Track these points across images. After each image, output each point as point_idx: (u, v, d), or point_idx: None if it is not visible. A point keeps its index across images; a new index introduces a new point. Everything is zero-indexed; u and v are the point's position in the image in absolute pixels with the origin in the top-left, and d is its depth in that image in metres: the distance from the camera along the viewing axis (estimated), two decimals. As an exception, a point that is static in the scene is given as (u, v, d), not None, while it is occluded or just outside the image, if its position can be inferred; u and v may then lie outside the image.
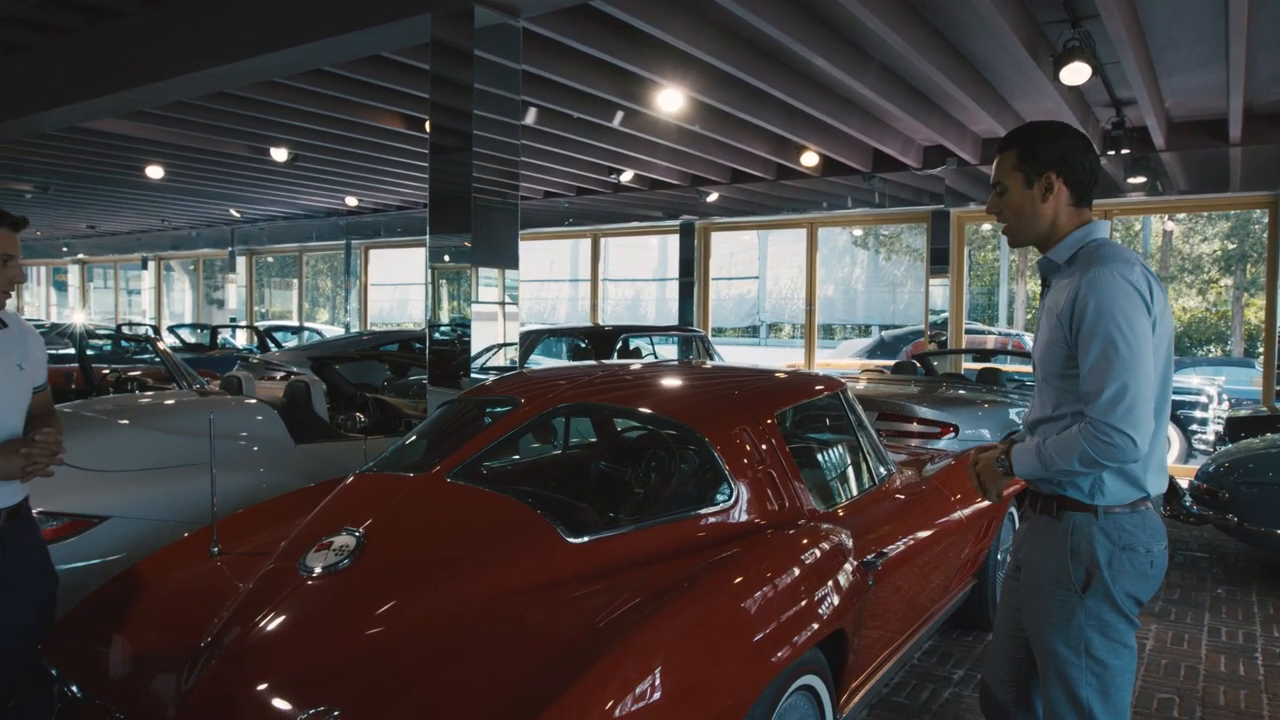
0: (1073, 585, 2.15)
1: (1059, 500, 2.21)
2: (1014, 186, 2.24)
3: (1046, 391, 2.24)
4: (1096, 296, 2.05)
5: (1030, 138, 2.23)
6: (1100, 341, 2.04)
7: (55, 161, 12.55)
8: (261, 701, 2.05)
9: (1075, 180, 2.21)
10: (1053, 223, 2.23)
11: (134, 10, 7.09)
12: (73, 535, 3.52)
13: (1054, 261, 2.24)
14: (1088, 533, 2.16)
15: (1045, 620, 2.20)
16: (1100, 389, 2.03)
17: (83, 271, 30.80)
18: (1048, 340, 2.20)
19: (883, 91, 7.80)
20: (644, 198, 14.10)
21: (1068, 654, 2.17)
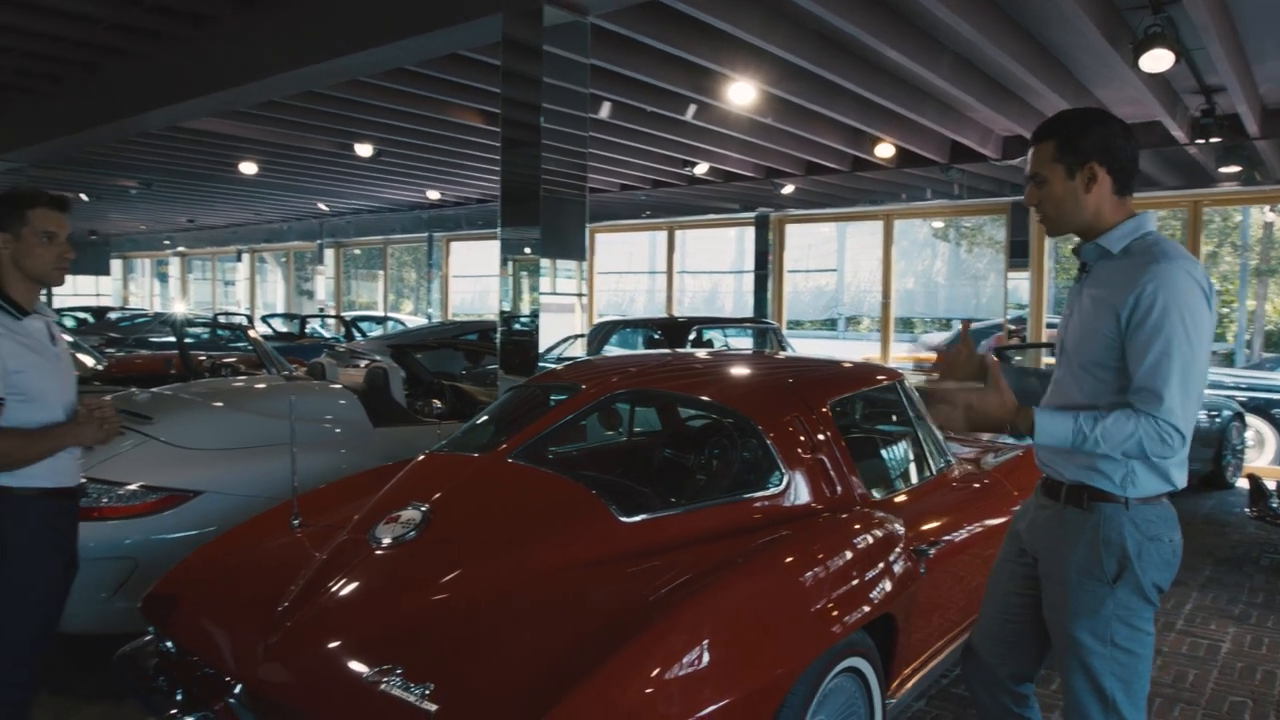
0: (1104, 576, 2.15)
1: (1088, 491, 2.19)
2: (1054, 178, 2.19)
3: (1083, 380, 2.19)
4: (1166, 293, 2.02)
5: (1070, 127, 2.18)
6: (1165, 339, 2.01)
7: (157, 159, 13.21)
8: (332, 658, 2.23)
9: (1118, 169, 2.17)
10: (1096, 213, 2.19)
11: (229, 15, 7.45)
12: (170, 508, 3.78)
13: (1107, 250, 2.19)
14: (1118, 524, 2.16)
15: (1073, 611, 2.20)
16: (1162, 388, 2.02)
17: (183, 263, 32.23)
18: (1092, 330, 2.15)
19: (958, 82, 7.71)
20: (719, 190, 14.14)
21: (1094, 644, 2.17)
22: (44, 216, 2.53)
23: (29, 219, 2.50)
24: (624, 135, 10.50)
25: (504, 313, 5.87)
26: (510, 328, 5.86)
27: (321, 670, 2.23)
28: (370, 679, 2.11)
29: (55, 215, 2.56)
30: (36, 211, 2.51)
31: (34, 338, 2.52)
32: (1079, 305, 2.24)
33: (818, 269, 26.62)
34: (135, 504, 3.74)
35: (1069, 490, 2.23)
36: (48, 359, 2.54)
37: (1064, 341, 2.28)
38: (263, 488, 3.92)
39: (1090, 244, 2.22)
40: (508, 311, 5.85)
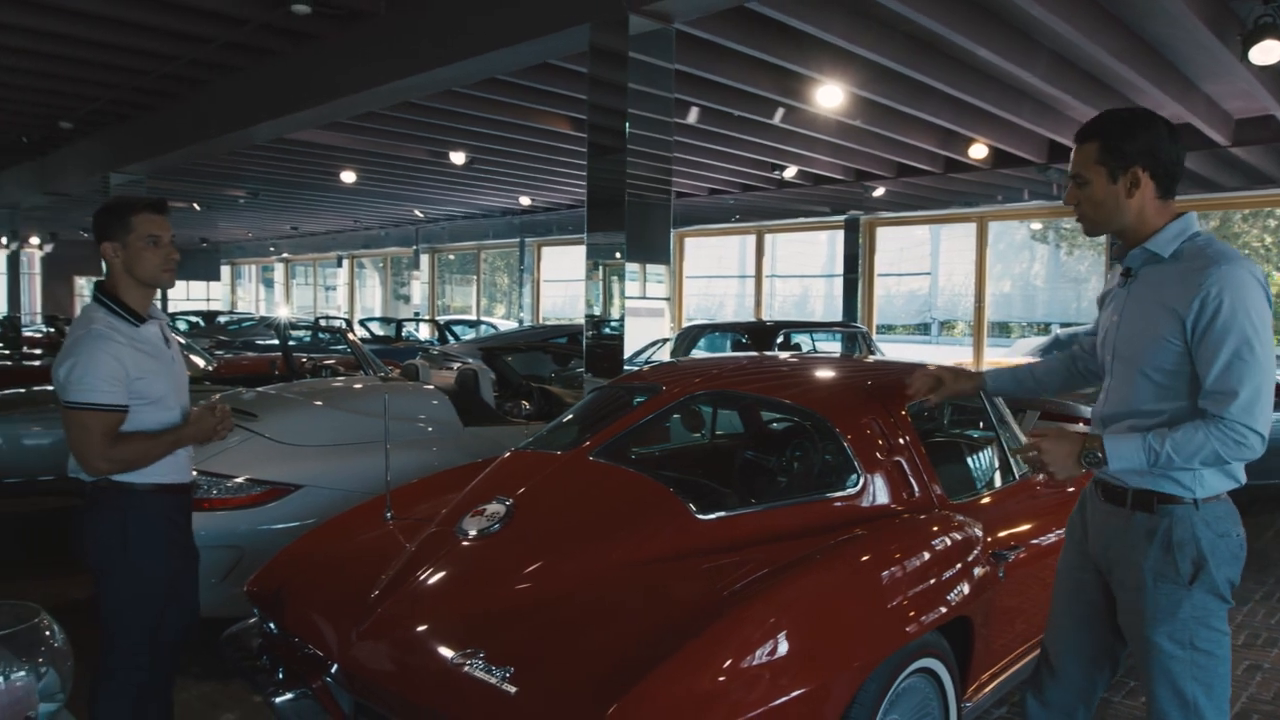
0: (1180, 578, 2.13)
1: (1156, 495, 2.17)
2: (1096, 180, 2.16)
3: (1143, 385, 2.16)
4: (1231, 295, 2.01)
5: (1115, 129, 2.15)
6: (1235, 341, 2.00)
7: (264, 169, 13.84)
8: (419, 641, 2.35)
9: (1163, 174, 2.15)
10: (1138, 216, 2.17)
11: (331, 32, 7.79)
12: (273, 500, 3.99)
13: (1156, 254, 2.17)
14: (1189, 524, 2.13)
15: (1150, 616, 2.16)
16: (1236, 389, 2.00)
17: (286, 269, 33.55)
18: (1151, 335, 2.13)
19: (1054, 80, 7.54)
20: (808, 193, 14.06)
21: (1173, 649, 2.14)
22: (147, 221, 2.62)
23: (133, 225, 2.60)
24: (711, 139, 10.56)
25: (591, 317, 5.99)
26: (597, 331, 5.97)
27: (410, 652, 2.35)
28: (455, 661, 2.22)
29: (157, 219, 2.65)
30: (139, 217, 2.61)
31: (151, 343, 2.66)
32: (1127, 309, 2.22)
33: (910, 272, 26.14)
34: (241, 496, 3.95)
35: (1136, 495, 2.20)
36: (164, 363, 2.68)
37: (1113, 346, 2.25)
38: (358, 483, 4.09)
39: (1138, 249, 2.20)
40: (594, 315, 5.97)
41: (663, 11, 5.37)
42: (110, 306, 2.61)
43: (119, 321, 2.59)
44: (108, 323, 2.57)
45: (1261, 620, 4.69)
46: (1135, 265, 2.22)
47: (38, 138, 13.01)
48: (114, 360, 2.50)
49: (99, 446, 2.48)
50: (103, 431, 2.48)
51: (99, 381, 2.47)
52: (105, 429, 2.49)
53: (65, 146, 13.45)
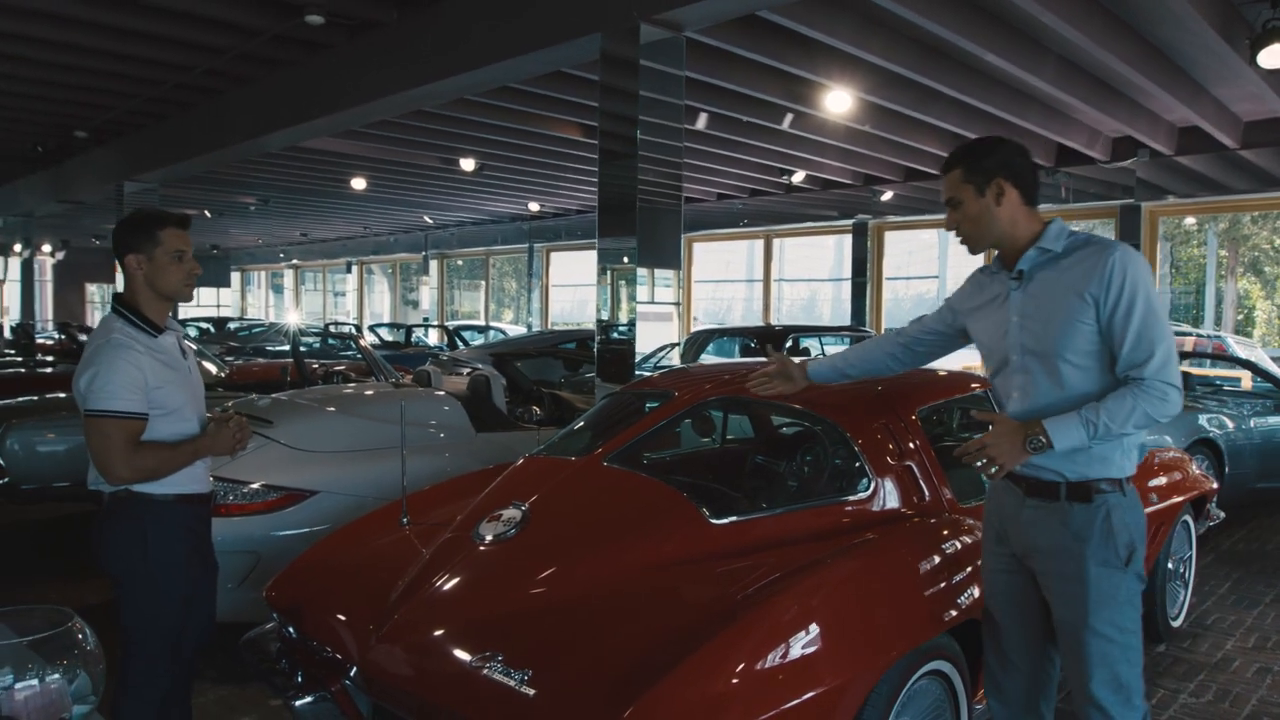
0: (1119, 562, 2.25)
1: (1091, 485, 2.27)
2: (967, 198, 2.35)
3: (1065, 371, 2.27)
4: (1131, 271, 2.20)
5: (971, 153, 2.37)
6: (1142, 310, 2.18)
7: (275, 177, 13.94)
8: (437, 645, 2.39)
9: (1022, 183, 2.34)
10: (1011, 224, 2.35)
11: (344, 42, 7.86)
12: (289, 506, 4.03)
13: (1050, 251, 2.32)
14: (1121, 510, 2.27)
15: (1094, 603, 2.25)
16: (1151, 352, 2.17)
17: (296, 276, 33.69)
18: (1064, 322, 2.25)
19: (1062, 84, 7.56)
20: (816, 198, 14.09)
21: (1113, 633, 2.24)
22: (174, 236, 2.65)
23: (161, 239, 2.63)
24: (721, 145, 10.60)
25: (601, 321, 6.03)
26: (607, 336, 6.01)
27: (428, 655, 2.39)
28: (472, 664, 2.26)
29: (183, 234, 2.69)
30: (167, 232, 2.64)
31: (169, 353, 2.68)
32: (1028, 307, 2.34)
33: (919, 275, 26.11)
34: (257, 502, 4.00)
35: (1071, 487, 2.29)
36: (181, 373, 2.71)
37: (1020, 343, 2.35)
38: (373, 488, 4.14)
39: (1032, 250, 2.33)
40: (605, 320, 6.01)
41: (673, 20, 5.41)
42: (129, 317, 2.64)
43: (137, 332, 2.62)
44: (127, 333, 2.60)
45: (1272, 623, 4.70)
46: (1028, 266, 2.35)
47: (52, 146, 13.12)
48: (134, 369, 2.53)
49: (121, 454, 2.51)
50: (125, 439, 2.51)
51: (120, 390, 2.50)
52: (127, 437, 2.52)
53: (79, 155, 13.56)
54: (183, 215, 2.72)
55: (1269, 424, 6.96)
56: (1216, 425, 6.59)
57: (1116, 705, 2.26)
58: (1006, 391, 2.41)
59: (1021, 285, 2.36)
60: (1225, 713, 3.65)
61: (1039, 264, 2.34)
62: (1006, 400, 2.41)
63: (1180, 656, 4.22)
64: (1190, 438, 6.38)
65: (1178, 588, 4.50)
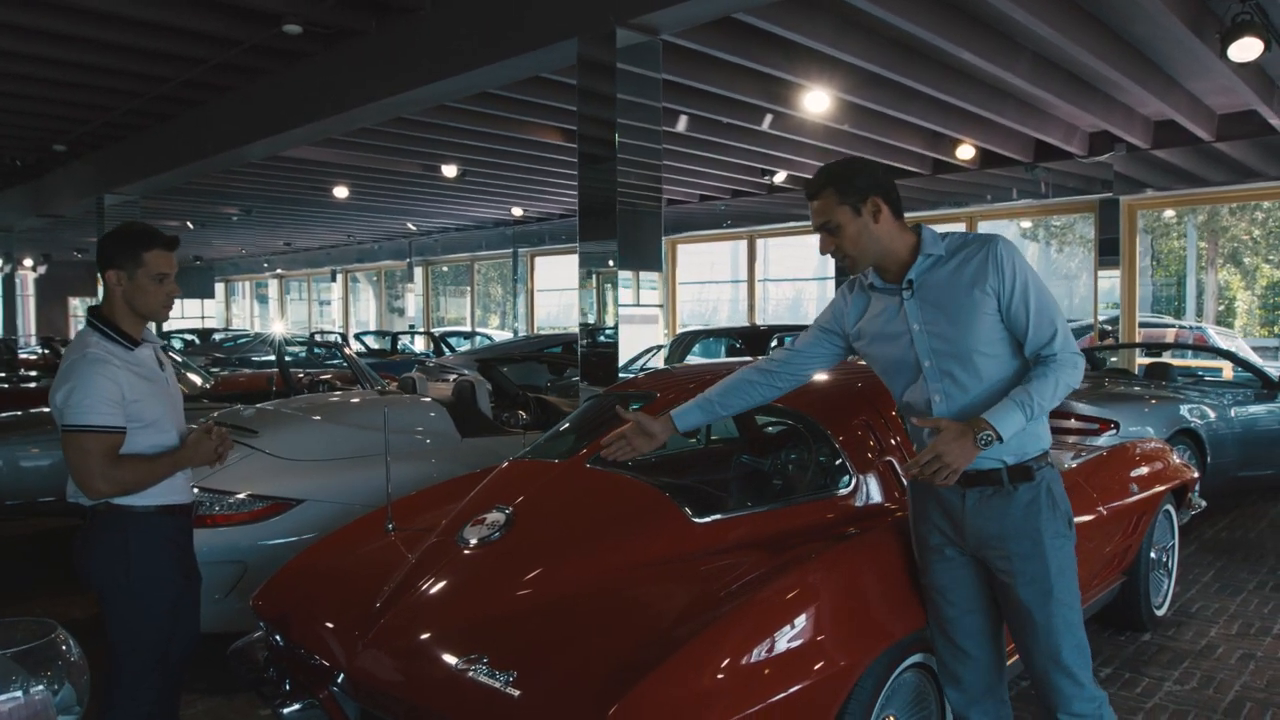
0: (1067, 529, 2.39)
1: (1030, 464, 2.36)
2: (844, 219, 2.39)
3: (981, 365, 2.34)
4: (1016, 260, 2.33)
5: (840, 176, 2.41)
6: (1035, 294, 2.31)
7: (257, 187, 13.90)
8: (422, 649, 2.40)
9: (891, 198, 2.41)
10: (890, 238, 2.40)
11: (322, 51, 7.86)
12: (275, 515, 4.03)
13: (936, 256, 2.38)
14: (1055, 480, 2.41)
15: (1054, 574, 2.33)
16: (1054, 329, 2.31)
17: (280, 285, 33.56)
18: (971, 319, 2.32)
19: (1038, 80, 7.63)
20: (798, 197, 14.13)
21: (1069, 597, 2.36)
22: (158, 259, 2.63)
23: (144, 261, 2.61)
24: (701, 147, 10.64)
25: (585, 325, 6.05)
26: (591, 340, 6.03)
27: (414, 660, 2.40)
28: (458, 667, 2.27)
29: (168, 256, 2.66)
30: (152, 254, 2.62)
31: (145, 366, 2.68)
32: (927, 313, 2.38)
33: (902, 273, 26.19)
34: (243, 512, 3.99)
35: (1013, 471, 2.36)
36: (159, 385, 2.70)
37: (929, 349, 2.37)
38: (359, 495, 4.13)
39: (920, 258, 2.39)
40: (588, 324, 6.03)
41: (650, 24, 5.44)
42: (105, 331, 2.63)
43: (114, 345, 2.61)
44: (103, 347, 2.59)
45: (1255, 610, 4.75)
46: (917, 275, 2.39)
47: (31, 160, 13.06)
48: (111, 383, 2.53)
49: (99, 468, 2.50)
50: (102, 453, 2.51)
51: (97, 404, 2.50)
52: (104, 451, 2.51)
53: (58, 169, 13.49)
54: (171, 237, 2.70)
55: (1249, 413, 7.03)
56: (1198, 415, 6.65)
57: (1083, 669, 2.35)
58: (921, 401, 2.41)
59: (913, 294, 2.40)
60: (1210, 699, 3.69)
61: (925, 270, 2.40)
62: (924, 409, 2.41)
63: (1165, 645, 4.26)
64: (1172, 428, 6.45)
65: (1161, 577, 4.54)
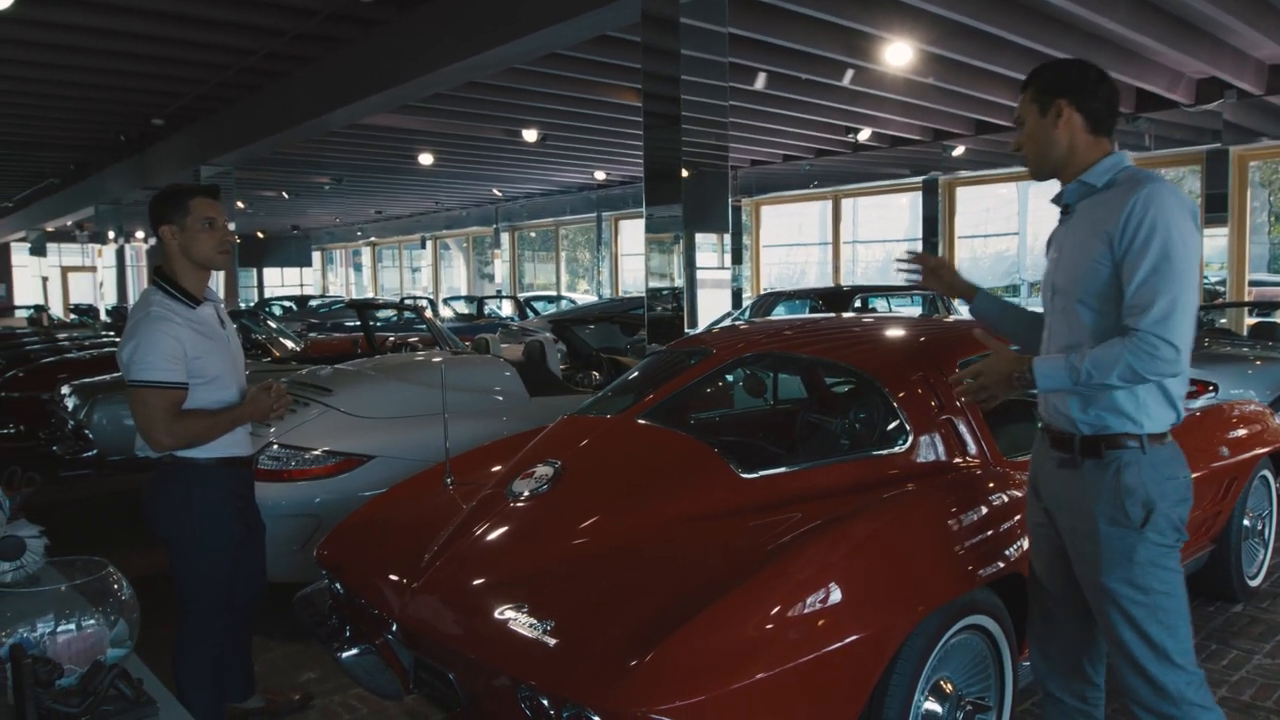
0: (1131, 523, 2.14)
1: (1104, 439, 2.17)
2: (1030, 117, 2.26)
3: (1081, 314, 2.18)
4: (1155, 210, 2.03)
5: (1045, 72, 2.27)
6: (1155, 254, 2.02)
7: (344, 155, 14.24)
8: (470, 596, 2.45)
9: (1087, 108, 2.21)
10: (1069, 149, 2.22)
11: (394, 17, 7.95)
12: (347, 470, 4.16)
13: (1091, 185, 2.20)
14: (1137, 468, 2.14)
15: (1106, 562, 2.17)
16: (1152, 301, 2.01)
17: (373, 253, 34.43)
18: (1084, 262, 2.15)
19: (1138, 25, 7.22)
20: (884, 155, 13.78)
21: (1133, 593, 2.15)
22: (202, 204, 2.75)
23: (190, 208, 2.73)
24: (782, 105, 10.43)
25: (651, 288, 6.03)
26: (660, 302, 6.01)
27: (460, 608, 2.45)
28: (502, 615, 2.30)
29: (212, 202, 2.78)
30: (196, 200, 2.74)
31: (207, 324, 2.78)
32: (1065, 244, 2.26)
33: (997, 233, 25.36)
34: (318, 467, 4.13)
35: (1084, 442, 2.20)
36: (219, 343, 2.80)
37: (1052, 282, 2.28)
38: (428, 452, 4.21)
39: (1074, 183, 2.23)
40: (657, 288, 6.01)
41: (715, -24, 5.34)
42: (167, 290, 2.74)
43: (175, 304, 2.72)
44: (165, 305, 2.69)
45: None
46: (1072, 200, 2.25)
47: (134, 135, 13.63)
48: (173, 340, 2.63)
49: (162, 422, 2.61)
50: (165, 408, 2.61)
51: (160, 360, 2.60)
52: (168, 405, 2.62)
53: (158, 143, 14.05)
54: (211, 186, 2.82)
55: (1365, 375, 6.59)
56: (1307, 377, 6.28)
57: (1152, 663, 2.15)
58: (1047, 329, 2.32)
59: (1065, 219, 2.28)
60: (1300, 673, 3.51)
61: (1080, 197, 2.23)
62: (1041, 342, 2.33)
63: (1257, 617, 4.06)
64: (1276, 391, 6.10)
65: (1256, 546, 4.32)
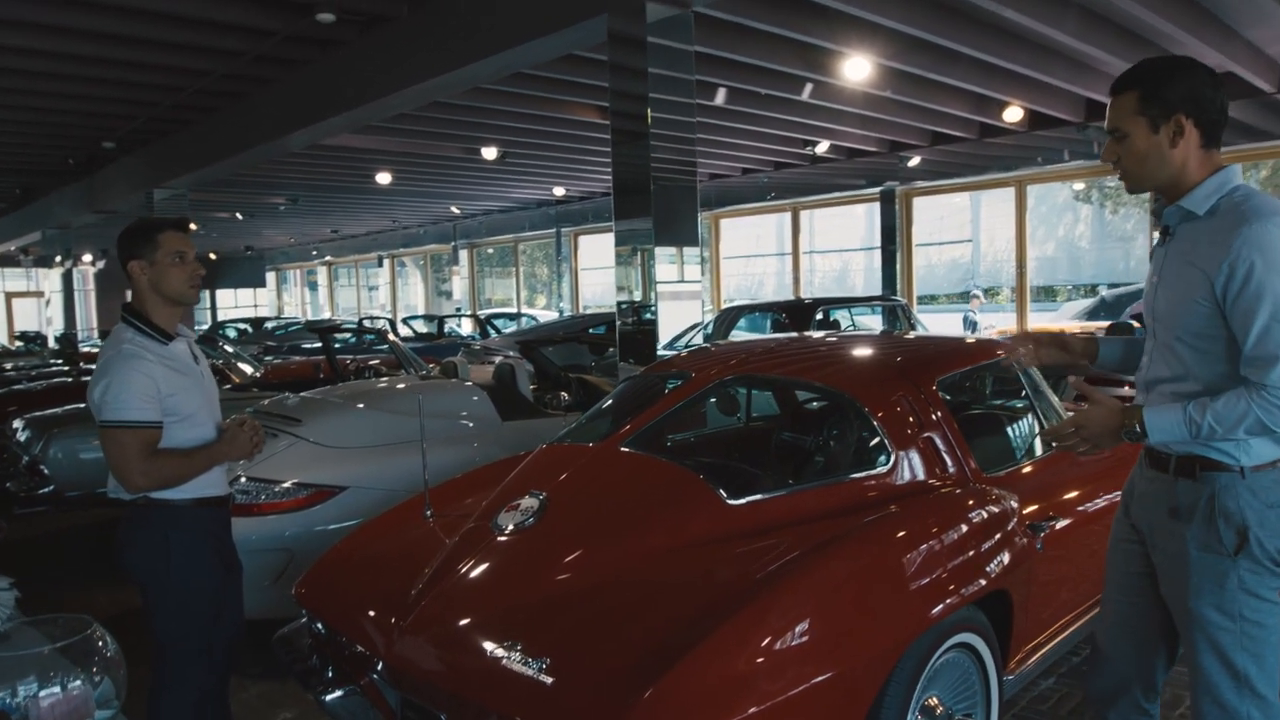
0: (1224, 549, 2.04)
1: (1199, 461, 2.07)
2: (1136, 132, 2.05)
3: (1181, 352, 2.08)
4: (1262, 256, 1.89)
5: (1154, 76, 2.05)
6: (1270, 304, 1.89)
7: (302, 176, 14.06)
8: (458, 636, 2.41)
9: (1206, 120, 2.04)
10: (1181, 169, 2.05)
11: (357, 38, 7.88)
12: (320, 503, 4.08)
13: (1190, 212, 2.06)
14: (1235, 493, 2.04)
15: (1195, 586, 2.09)
16: (1276, 354, 1.89)
17: (329, 272, 34.03)
18: (1185, 299, 2.04)
19: (1086, 36, 7.37)
20: (842, 167, 13.92)
21: (1221, 619, 2.06)
22: (172, 238, 2.69)
23: (160, 243, 2.67)
24: (741, 119, 10.49)
25: (622, 304, 6.02)
26: (630, 318, 6.00)
27: (450, 647, 2.41)
28: (493, 654, 2.27)
29: (182, 236, 2.73)
30: (165, 235, 2.69)
31: (180, 360, 2.72)
32: (1165, 269, 2.13)
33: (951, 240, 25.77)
34: (289, 500, 4.05)
35: (1179, 461, 2.11)
36: (194, 379, 2.74)
37: (1153, 308, 2.17)
38: (402, 482, 4.16)
39: (1172, 206, 2.10)
40: (627, 303, 6.00)
41: (679, -2, 5.37)
42: (138, 326, 2.67)
43: (147, 340, 2.65)
44: (137, 342, 2.63)
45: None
46: (1173, 223, 2.13)
47: (83, 158, 13.35)
48: (146, 378, 2.56)
49: (137, 463, 2.54)
50: (139, 448, 2.54)
51: (133, 399, 2.53)
52: (142, 446, 2.55)
53: (109, 165, 13.78)
54: (181, 219, 2.77)
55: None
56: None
57: (1229, 691, 2.08)
58: (1141, 358, 2.23)
59: (1167, 243, 2.13)
60: None
61: (1180, 220, 2.09)
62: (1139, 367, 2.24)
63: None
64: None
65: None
